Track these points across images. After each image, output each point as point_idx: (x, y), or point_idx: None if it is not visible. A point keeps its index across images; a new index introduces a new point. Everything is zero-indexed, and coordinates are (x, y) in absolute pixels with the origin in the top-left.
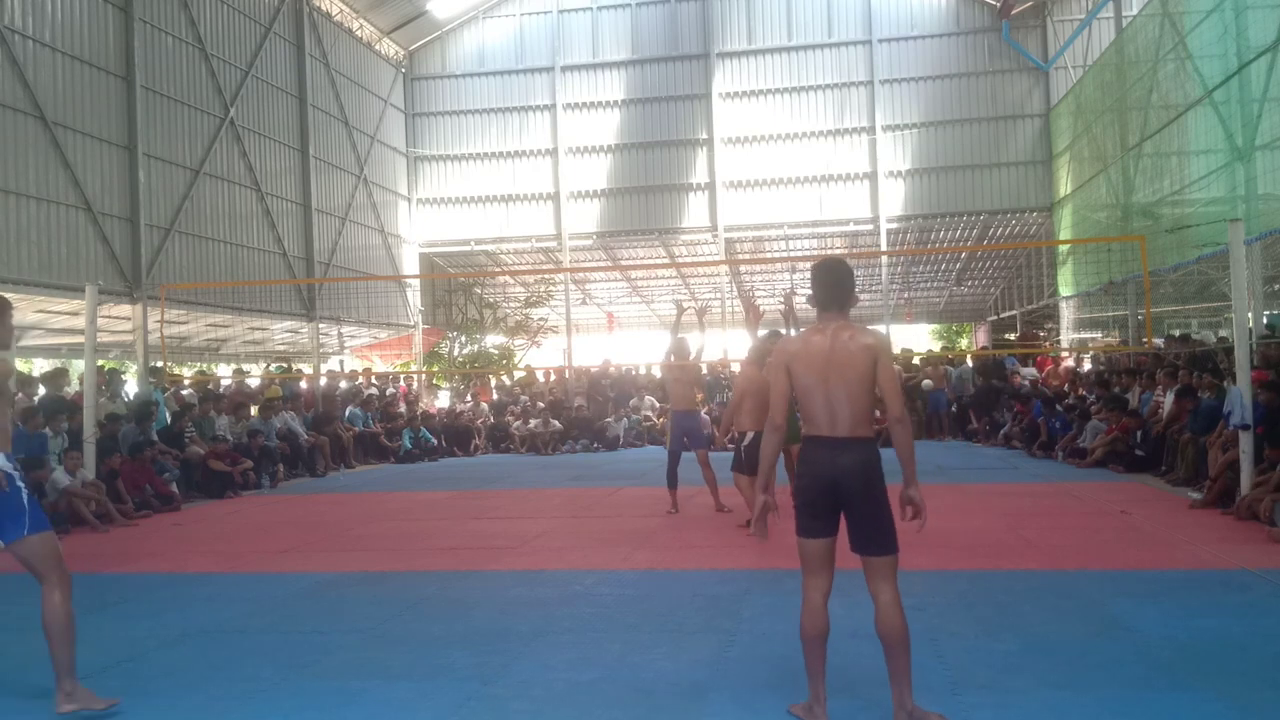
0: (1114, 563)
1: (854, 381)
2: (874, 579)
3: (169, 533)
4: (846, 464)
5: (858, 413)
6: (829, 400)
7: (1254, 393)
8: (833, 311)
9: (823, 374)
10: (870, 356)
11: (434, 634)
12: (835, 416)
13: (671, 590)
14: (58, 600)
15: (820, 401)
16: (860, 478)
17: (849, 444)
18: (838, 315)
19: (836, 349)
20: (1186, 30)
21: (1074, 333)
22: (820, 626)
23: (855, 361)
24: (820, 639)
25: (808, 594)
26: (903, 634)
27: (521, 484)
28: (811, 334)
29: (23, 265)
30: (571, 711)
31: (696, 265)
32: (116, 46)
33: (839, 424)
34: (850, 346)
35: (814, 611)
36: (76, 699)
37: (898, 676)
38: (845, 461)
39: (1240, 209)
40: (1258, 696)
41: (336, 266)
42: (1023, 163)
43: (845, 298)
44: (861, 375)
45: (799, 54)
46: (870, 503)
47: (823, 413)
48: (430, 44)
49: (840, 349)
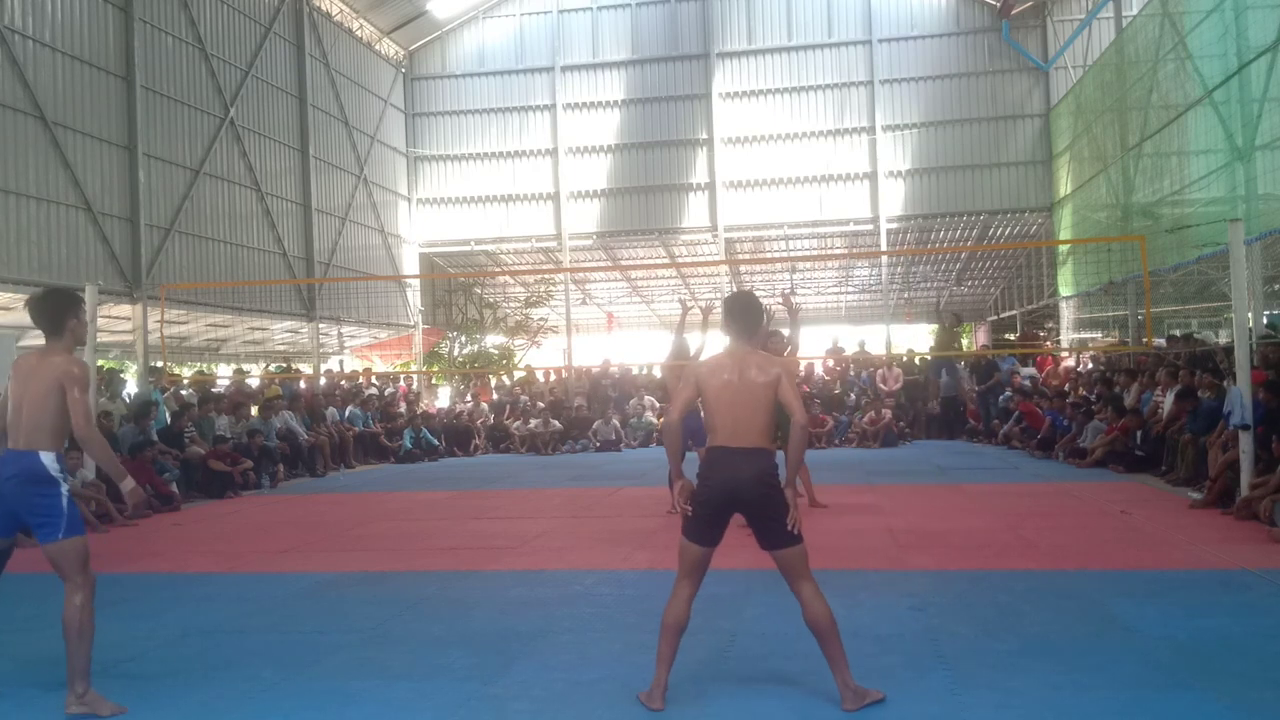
0: (1114, 563)
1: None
2: (790, 574)
3: (169, 533)
4: (746, 471)
5: (761, 427)
6: (735, 416)
7: (1254, 391)
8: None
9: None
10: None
11: (434, 634)
12: (737, 430)
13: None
14: (79, 602)
15: (728, 416)
16: (758, 483)
17: (750, 454)
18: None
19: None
20: (1186, 30)
21: (1074, 333)
22: (682, 620)
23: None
24: (679, 631)
25: (679, 591)
26: (829, 620)
27: (521, 484)
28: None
29: (23, 265)
30: (571, 711)
31: (696, 265)
32: (116, 46)
33: (741, 436)
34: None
35: (680, 605)
36: (87, 703)
37: (835, 660)
38: (744, 469)
39: (1240, 209)
40: (1258, 696)
41: (336, 266)
42: (1023, 163)
43: (754, 329)
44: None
45: (799, 54)
46: (765, 504)
47: (729, 426)
48: (430, 44)
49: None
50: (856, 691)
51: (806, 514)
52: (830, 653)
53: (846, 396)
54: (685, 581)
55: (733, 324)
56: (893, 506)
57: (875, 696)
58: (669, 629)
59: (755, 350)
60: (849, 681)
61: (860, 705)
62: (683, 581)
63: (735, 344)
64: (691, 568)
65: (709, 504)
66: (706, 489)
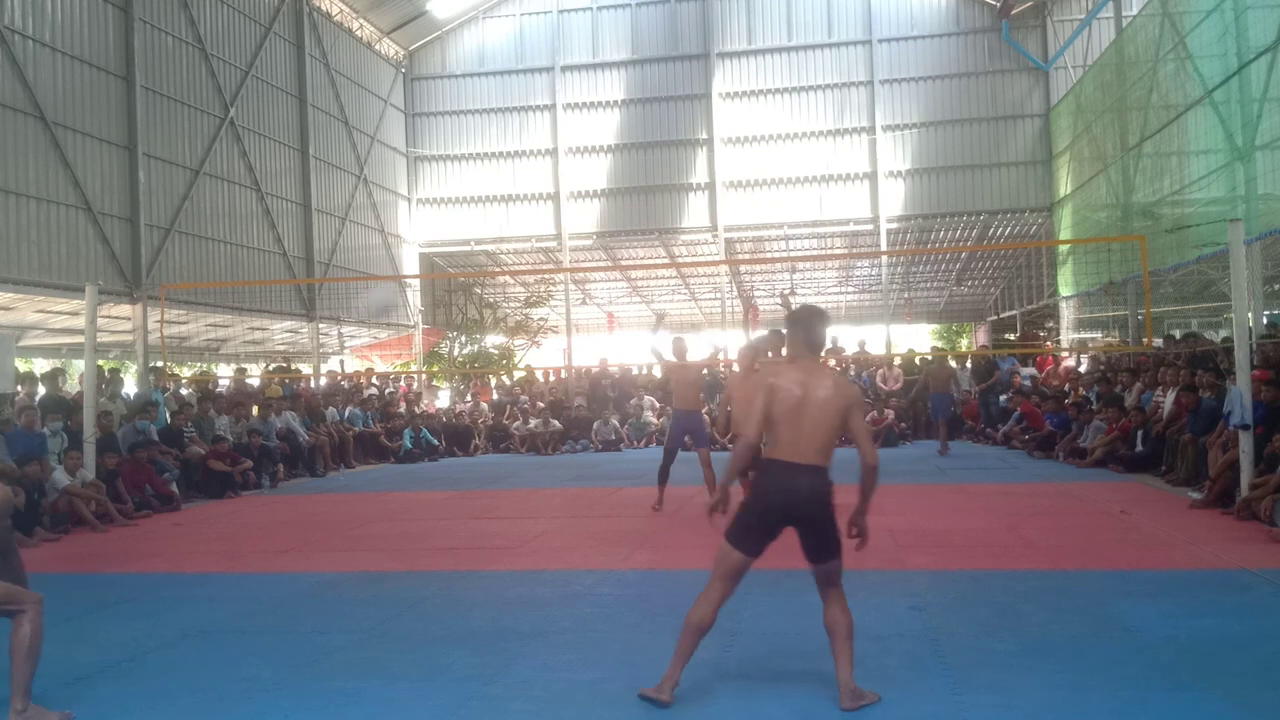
0: (1114, 563)
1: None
2: (825, 582)
3: (169, 533)
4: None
5: (823, 445)
6: (799, 431)
7: (1255, 390)
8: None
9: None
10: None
11: (434, 634)
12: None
13: (671, 590)
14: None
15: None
16: (814, 500)
17: (809, 470)
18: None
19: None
20: (1186, 30)
21: (1074, 333)
22: (707, 622)
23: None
24: (702, 632)
25: (711, 593)
26: (848, 627)
27: (521, 484)
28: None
29: (23, 265)
30: (571, 711)
31: (696, 265)
32: (116, 46)
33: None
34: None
35: (709, 608)
36: (29, 716)
37: (841, 660)
38: (802, 484)
39: (1240, 209)
40: (1258, 696)
41: (336, 266)
42: (1022, 163)
43: (823, 342)
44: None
45: (799, 54)
46: (818, 520)
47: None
48: (430, 44)
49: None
50: (855, 692)
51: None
52: (839, 653)
53: None
54: (719, 585)
55: (802, 336)
56: (893, 506)
57: (871, 698)
58: (693, 628)
59: (826, 367)
60: (850, 681)
61: (857, 705)
62: (716, 584)
63: (804, 358)
64: (729, 573)
65: (764, 515)
66: (763, 500)
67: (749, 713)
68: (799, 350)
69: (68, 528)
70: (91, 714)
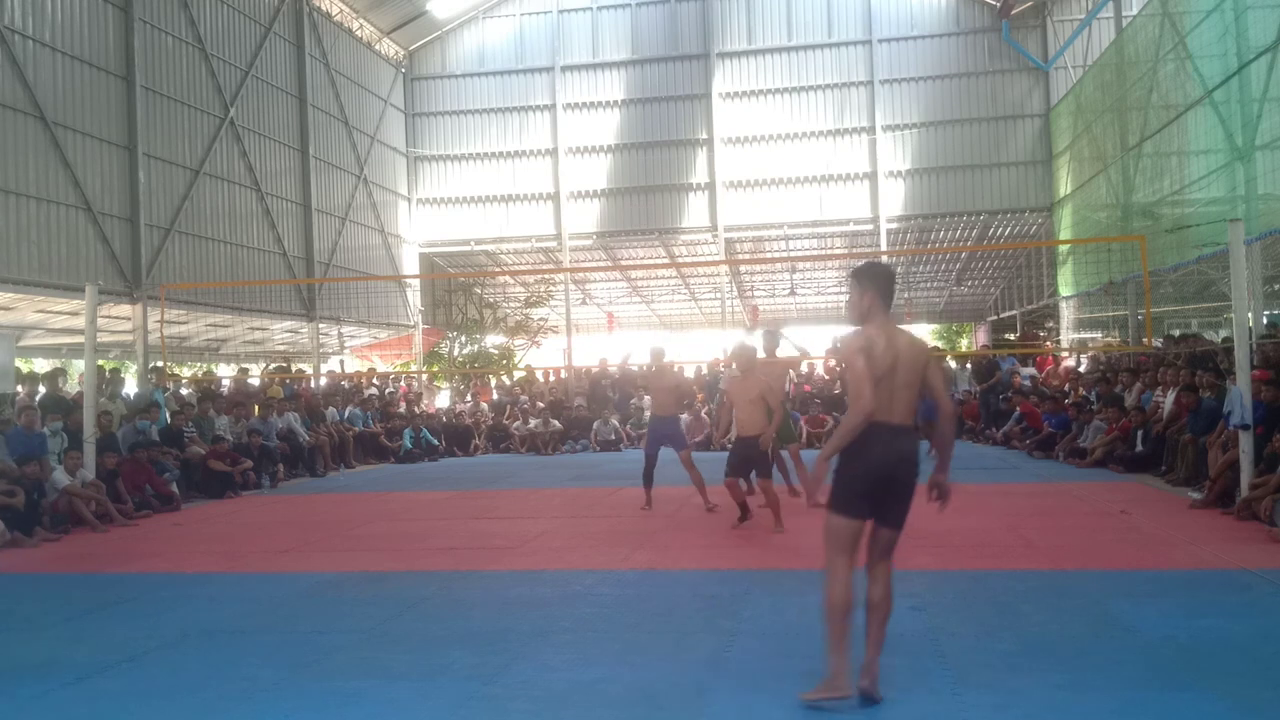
0: (1114, 563)
1: (913, 379)
2: (883, 551)
3: (169, 533)
4: (904, 449)
5: (911, 404)
6: (893, 391)
7: (1255, 390)
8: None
9: (892, 366)
10: (924, 360)
11: (434, 634)
12: (894, 406)
13: (671, 590)
14: None
15: (886, 391)
16: (910, 463)
17: (905, 431)
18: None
19: (901, 346)
20: (1186, 30)
21: (1074, 333)
22: (851, 600)
23: (915, 362)
24: (848, 613)
25: (840, 571)
26: (890, 604)
27: (521, 484)
28: (878, 329)
29: (23, 265)
30: (571, 711)
31: (696, 265)
32: (116, 46)
33: (897, 413)
34: (910, 349)
35: (845, 586)
36: None
37: (876, 640)
38: (903, 447)
39: (1240, 209)
40: (1258, 696)
41: (336, 266)
42: (1022, 163)
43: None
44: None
45: (799, 54)
46: (909, 485)
47: (886, 401)
48: (430, 44)
49: (904, 347)
50: (875, 677)
51: (799, 507)
52: (876, 634)
53: (847, 397)
54: (843, 560)
55: (880, 295)
56: None
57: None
58: (841, 611)
59: (898, 326)
60: (875, 664)
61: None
62: (839, 560)
63: (883, 317)
64: (850, 543)
65: (873, 481)
66: (867, 462)
67: (749, 713)
68: (876, 310)
69: (68, 528)
70: (91, 714)
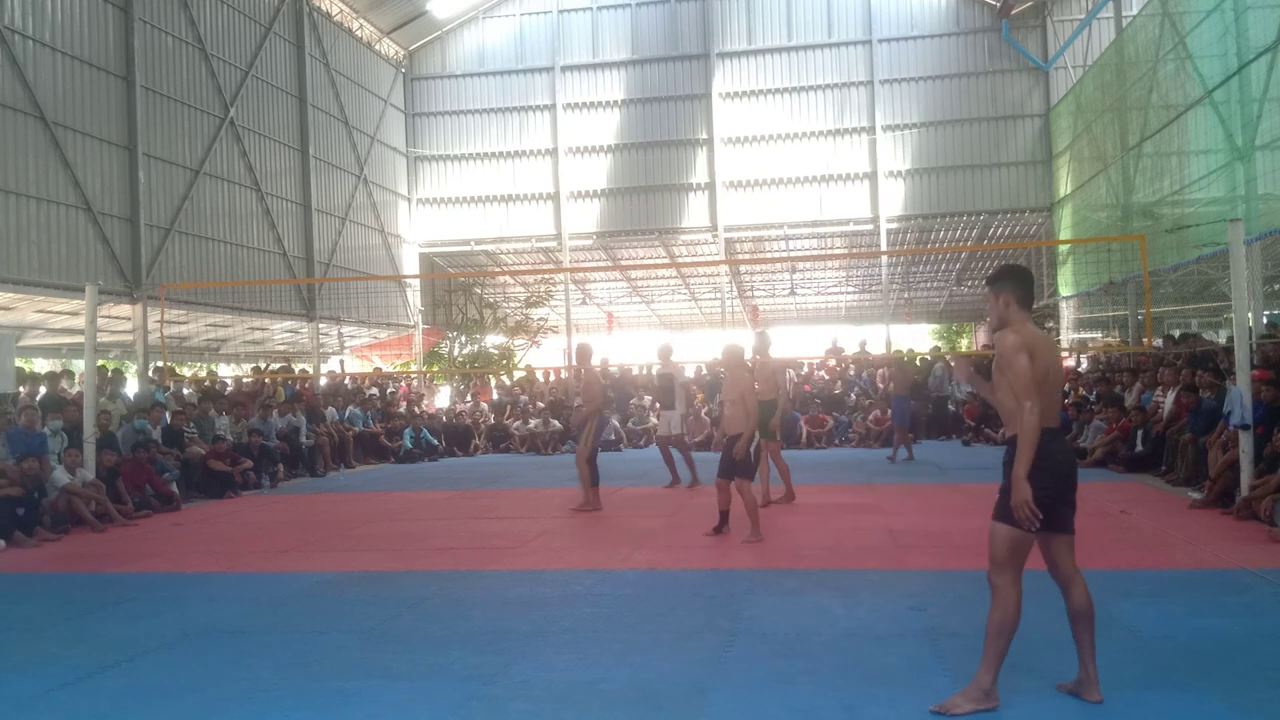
0: (1114, 563)
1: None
2: (1065, 557)
3: (169, 533)
4: (1070, 451)
5: (1059, 406)
6: (1051, 395)
7: (1255, 390)
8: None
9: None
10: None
11: (434, 634)
12: (1052, 410)
13: (671, 590)
14: None
15: (1046, 396)
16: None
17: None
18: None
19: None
20: (1186, 30)
21: (1074, 333)
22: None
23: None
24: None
25: (1018, 588)
26: (1093, 609)
27: (521, 484)
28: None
29: (23, 265)
30: (571, 711)
31: (696, 265)
32: (116, 46)
33: (1053, 417)
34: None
35: (1019, 603)
36: None
37: (1088, 648)
38: (1069, 448)
39: (1240, 209)
40: (1258, 696)
41: (336, 266)
42: (1022, 163)
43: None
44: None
45: (799, 54)
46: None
47: (1048, 406)
48: (430, 44)
49: (1051, 352)
50: (1095, 682)
51: (791, 511)
52: (1085, 638)
53: (847, 396)
54: (1019, 575)
55: (1017, 296)
56: (893, 506)
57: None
58: (1014, 629)
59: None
60: (1094, 672)
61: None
62: (1018, 576)
63: (1022, 316)
64: (1025, 558)
65: (1057, 487)
66: (1053, 471)
67: (749, 713)
68: (1015, 312)
69: (68, 528)
70: (91, 714)
